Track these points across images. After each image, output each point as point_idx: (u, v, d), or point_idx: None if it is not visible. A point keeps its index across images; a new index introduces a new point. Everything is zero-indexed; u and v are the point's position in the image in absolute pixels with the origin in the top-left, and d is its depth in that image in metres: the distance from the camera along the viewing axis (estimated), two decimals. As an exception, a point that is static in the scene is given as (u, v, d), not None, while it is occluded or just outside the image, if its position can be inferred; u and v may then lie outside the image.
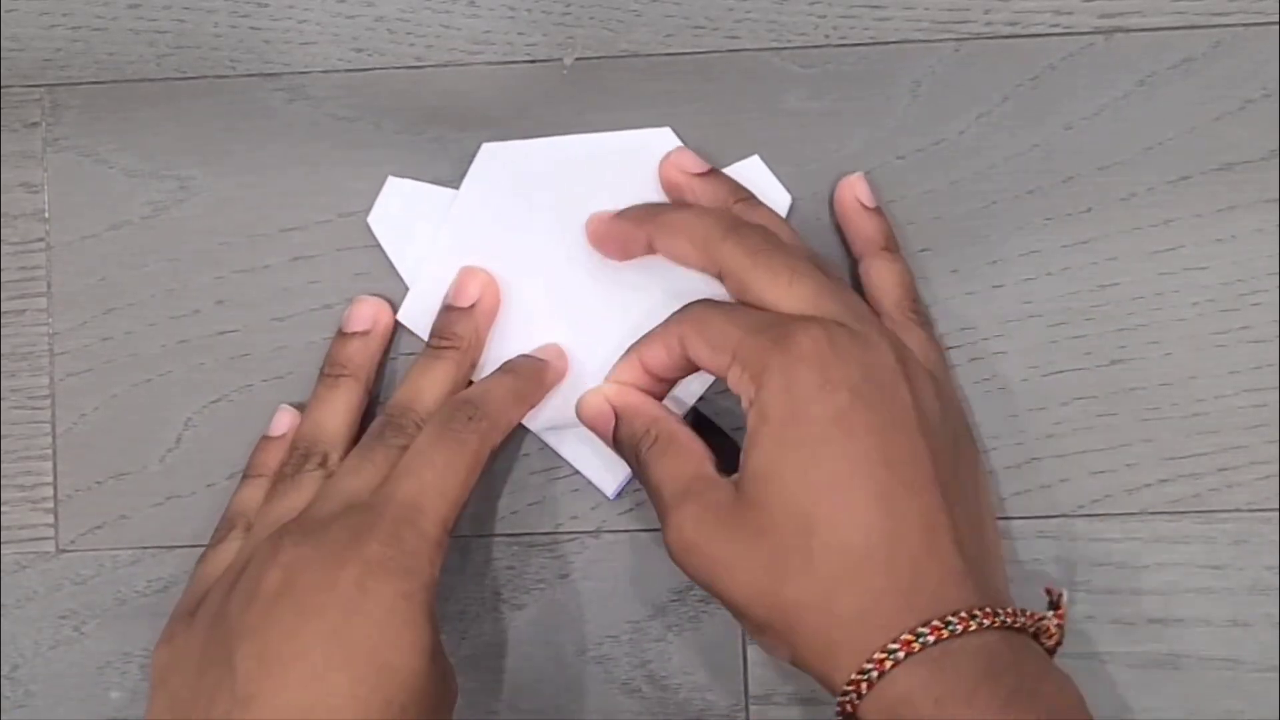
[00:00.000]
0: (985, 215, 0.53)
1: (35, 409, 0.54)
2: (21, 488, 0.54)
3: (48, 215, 0.54)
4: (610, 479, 0.53)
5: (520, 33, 0.54)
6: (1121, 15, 0.53)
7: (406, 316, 0.53)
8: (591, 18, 0.54)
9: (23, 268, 0.54)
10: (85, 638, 0.54)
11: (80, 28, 0.55)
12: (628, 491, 0.53)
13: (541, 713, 0.53)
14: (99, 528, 0.54)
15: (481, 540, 0.54)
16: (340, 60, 0.54)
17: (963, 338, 0.53)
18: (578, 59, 0.54)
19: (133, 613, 0.54)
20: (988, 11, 0.53)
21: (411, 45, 0.54)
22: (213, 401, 0.54)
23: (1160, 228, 0.53)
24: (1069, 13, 0.53)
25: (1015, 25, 0.53)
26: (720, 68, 0.54)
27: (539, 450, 0.54)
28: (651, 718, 0.53)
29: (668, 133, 0.53)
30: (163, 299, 0.54)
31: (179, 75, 0.54)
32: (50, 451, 0.54)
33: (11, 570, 0.54)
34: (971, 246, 0.53)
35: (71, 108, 0.54)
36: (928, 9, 0.53)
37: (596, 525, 0.53)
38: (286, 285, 0.54)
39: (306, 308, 0.54)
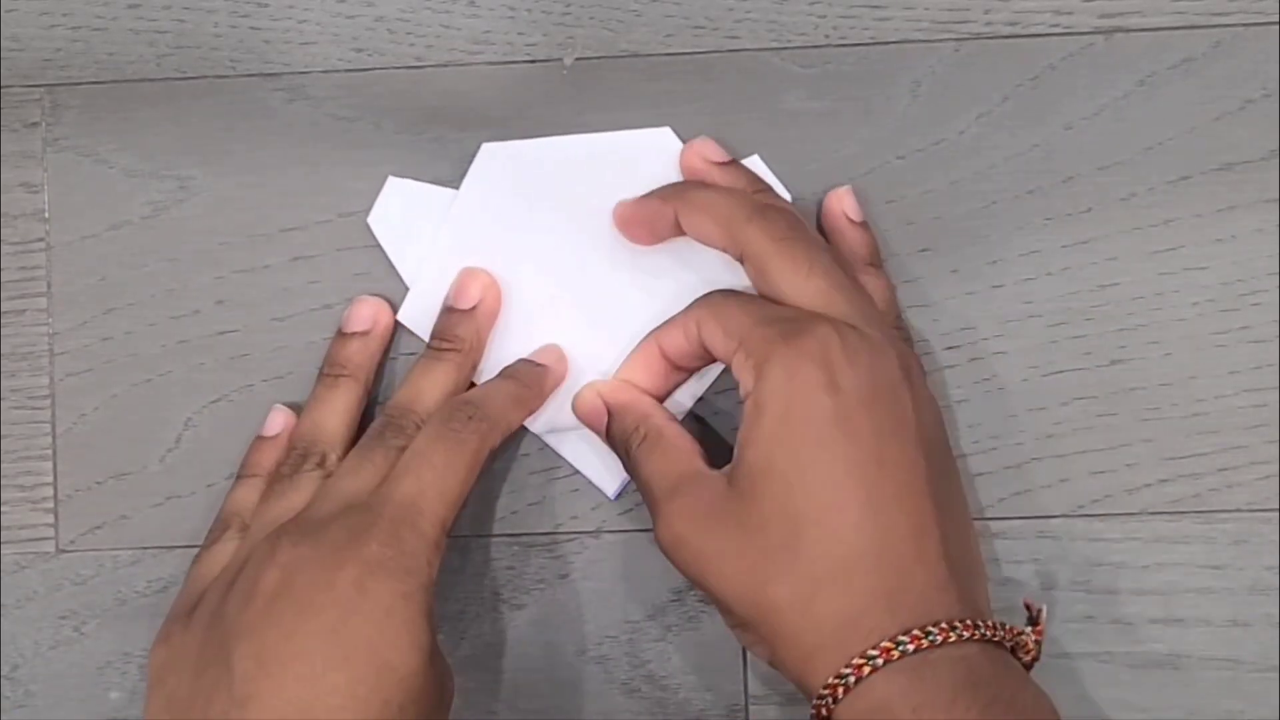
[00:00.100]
0: (985, 215, 0.53)
1: (35, 409, 0.54)
2: (21, 488, 0.54)
3: (48, 215, 0.54)
4: (611, 479, 0.53)
5: (520, 33, 0.54)
6: (1121, 15, 0.53)
7: (406, 317, 0.53)
8: (591, 18, 0.54)
9: (23, 268, 0.54)
10: (85, 638, 0.54)
11: (80, 28, 0.55)
12: (628, 492, 0.53)
13: (540, 713, 0.53)
14: (99, 528, 0.54)
15: (481, 540, 0.54)
16: (340, 60, 0.54)
17: (963, 338, 0.53)
18: (578, 59, 0.54)
19: (133, 613, 0.54)
20: (988, 11, 0.53)
21: (411, 45, 0.54)
22: (213, 401, 0.54)
23: (1160, 228, 0.53)
24: (1069, 13, 0.53)
25: (1015, 25, 0.53)
26: (720, 68, 0.54)
27: (539, 450, 0.54)
28: (651, 718, 0.53)
29: (668, 133, 0.53)
30: (163, 299, 0.54)
31: (179, 75, 0.54)
32: (50, 451, 0.54)
33: (11, 570, 0.54)
34: (971, 246, 0.53)
35: (71, 108, 0.54)
36: (928, 9, 0.53)
37: (596, 525, 0.53)
38: (286, 285, 0.54)
39: (306, 308, 0.54)
